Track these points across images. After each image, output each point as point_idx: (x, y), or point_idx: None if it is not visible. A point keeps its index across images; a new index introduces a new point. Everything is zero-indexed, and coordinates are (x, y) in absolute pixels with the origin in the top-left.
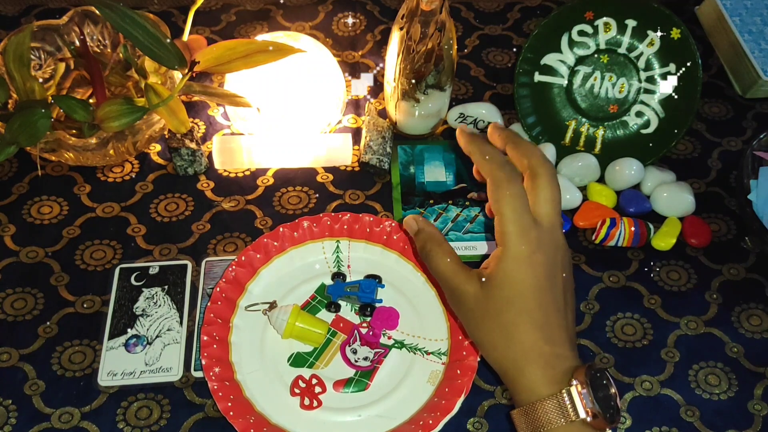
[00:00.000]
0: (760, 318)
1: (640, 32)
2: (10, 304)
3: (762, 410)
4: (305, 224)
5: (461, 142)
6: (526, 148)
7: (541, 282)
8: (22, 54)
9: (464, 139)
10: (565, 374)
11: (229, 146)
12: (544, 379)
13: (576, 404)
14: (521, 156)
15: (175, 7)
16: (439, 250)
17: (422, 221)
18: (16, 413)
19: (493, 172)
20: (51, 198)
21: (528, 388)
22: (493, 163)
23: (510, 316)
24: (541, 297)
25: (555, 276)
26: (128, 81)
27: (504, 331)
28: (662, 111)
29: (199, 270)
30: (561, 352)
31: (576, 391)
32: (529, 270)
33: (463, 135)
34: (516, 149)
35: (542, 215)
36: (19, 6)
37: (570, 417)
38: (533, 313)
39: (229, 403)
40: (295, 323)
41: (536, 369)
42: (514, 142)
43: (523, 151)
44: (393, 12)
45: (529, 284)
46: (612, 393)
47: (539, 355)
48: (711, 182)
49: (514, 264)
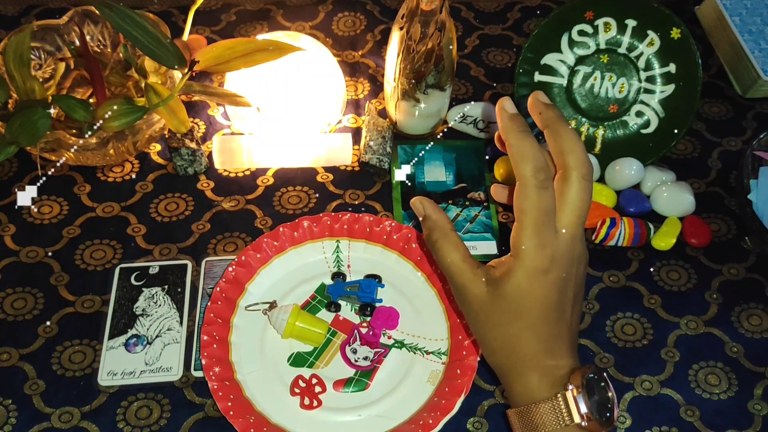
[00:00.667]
0: (760, 318)
1: (640, 32)
2: (10, 304)
3: (762, 410)
4: (305, 224)
5: (500, 122)
6: (566, 140)
7: (551, 298)
8: (22, 54)
9: (504, 121)
10: (562, 378)
11: (229, 146)
12: (541, 384)
13: (571, 408)
14: (559, 150)
15: (175, 7)
16: (445, 242)
17: (430, 206)
18: (16, 413)
19: (525, 176)
20: (51, 198)
21: (524, 390)
22: (527, 164)
23: (514, 330)
24: (549, 313)
25: (566, 290)
26: (128, 81)
27: (506, 341)
28: (662, 111)
29: (199, 270)
30: (561, 363)
31: (572, 395)
32: (541, 288)
33: (503, 115)
34: (555, 139)
35: (565, 224)
36: (19, 6)
37: (565, 421)
38: (538, 328)
39: (229, 402)
40: (295, 323)
41: (534, 375)
42: (554, 131)
43: (562, 145)
44: (393, 12)
45: (539, 301)
46: (609, 396)
47: (538, 365)
48: (711, 182)
49: (526, 279)
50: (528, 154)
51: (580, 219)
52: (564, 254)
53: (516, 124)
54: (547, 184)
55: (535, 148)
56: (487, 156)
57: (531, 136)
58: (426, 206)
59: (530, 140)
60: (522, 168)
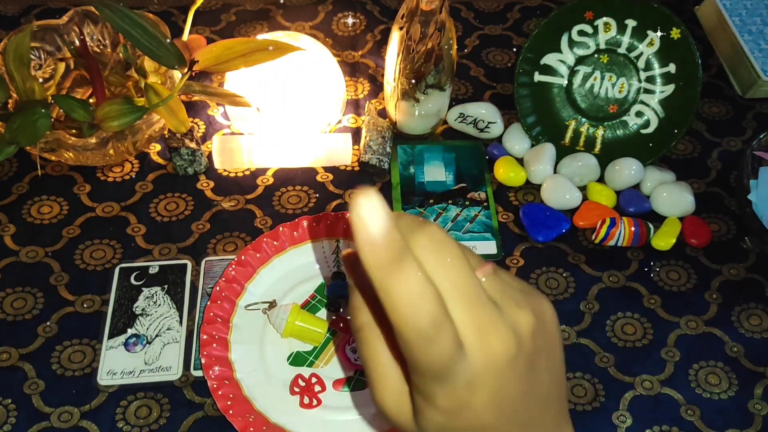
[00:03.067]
0: (760, 318)
1: (640, 32)
2: (10, 304)
3: (762, 410)
4: (305, 224)
5: (360, 245)
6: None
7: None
8: (22, 54)
9: (365, 250)
10: None
11: (229, 146)
12: None
13: None
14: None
15: (175, 7)
16: (378, 344)
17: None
18: (15, 412)
19: (410, 339)
20: (51, 198)
21: None
22: (410, 324)
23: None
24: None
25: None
26: (128, 81)
27: None
28: (662, 111)
29: (199, 269)
30: None
31: None
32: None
33: (363, 235)
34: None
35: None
36: (19, 6)
37: None
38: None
39: (229, 402)
40: (295, 322)
41: None
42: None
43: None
44: (393, 12)
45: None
46: None
47: None
48: (711, 182)
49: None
50: (410, 308)
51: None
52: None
53: (387, 255)
54: (439, 334)
55: (422, 295)
56: (487, 156)
57: (412, 270)
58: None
59: (411, 282)
60: (404, 329)
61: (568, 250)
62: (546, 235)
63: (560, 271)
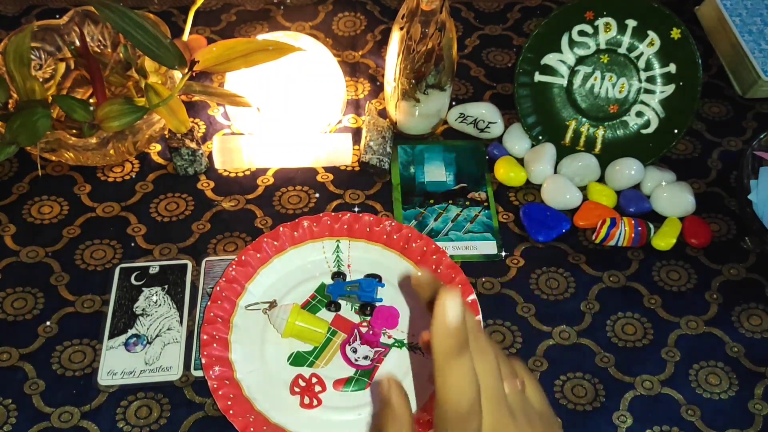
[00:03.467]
0: (760, 318)
1: (640, 32)
2: (10, 304)
3: (762, 410)
4: (305, 224)
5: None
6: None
7: None
8: (22, 54)
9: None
10: None
11: (229, 146)
12: None
13: None
14: None
15: (175, 7)
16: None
17: (397, 391)
18: (16, 412)
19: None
20: (51, 198)
21: None
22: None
23: None
24: None
25: None
26: (128, 81)
27: None
28: (662, 111)
29: (199, 269)
30: None
31: None
32: None
33: (442, 324)
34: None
35: None
36: (19, 6)
37: None
38: None
39: (229, 402)
40: (295, 322)
41: None
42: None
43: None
44: (393, 12)
45: None
46: None
47: None
48: (711, 182)
49: None
50: (458, 390)
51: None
52: None
53: (454, 342)
54: (471, 418)
55: (470, 383)
56: (487, 156)
57: (468, 361)
58: (393, 390)
59: (465, 370)
60: (448, 407)
61: (569, 250)
62: (546, 235)
63: (560, 271)
